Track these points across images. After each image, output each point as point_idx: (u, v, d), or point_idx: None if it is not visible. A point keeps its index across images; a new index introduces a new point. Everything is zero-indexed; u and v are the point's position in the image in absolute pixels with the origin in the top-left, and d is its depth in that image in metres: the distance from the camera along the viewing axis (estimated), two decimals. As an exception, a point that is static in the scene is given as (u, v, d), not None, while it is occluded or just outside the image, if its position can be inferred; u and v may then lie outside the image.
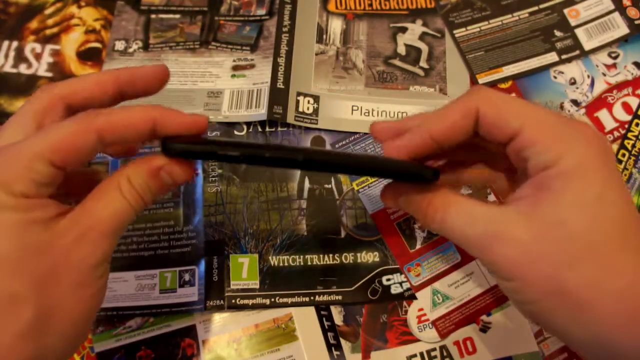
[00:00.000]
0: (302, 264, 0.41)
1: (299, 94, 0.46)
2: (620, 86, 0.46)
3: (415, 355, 0.39)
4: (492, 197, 0.43)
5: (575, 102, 0.46)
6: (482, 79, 0.46)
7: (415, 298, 0.40)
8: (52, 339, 0.23)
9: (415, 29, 0.49)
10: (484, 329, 0.39)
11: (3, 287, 0.22)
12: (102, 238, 0.25)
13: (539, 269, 0.23)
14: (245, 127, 0.45)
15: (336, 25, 0.49)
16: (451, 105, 0.27)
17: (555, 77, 0.47)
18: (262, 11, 0.49)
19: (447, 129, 0.26)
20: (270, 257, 0.41)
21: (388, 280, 0.41)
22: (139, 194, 0.26)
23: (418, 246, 0.41)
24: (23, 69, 0.47)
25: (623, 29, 0.47)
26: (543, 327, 0.26)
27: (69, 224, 0.24)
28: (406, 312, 0.40)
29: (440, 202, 0.27)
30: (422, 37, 0.48)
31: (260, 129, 0.45)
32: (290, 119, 0.44)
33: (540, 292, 0.24)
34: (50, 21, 0.49)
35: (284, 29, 0.48)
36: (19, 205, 0.23)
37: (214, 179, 0.43)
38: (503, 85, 0.46)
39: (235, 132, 0.44)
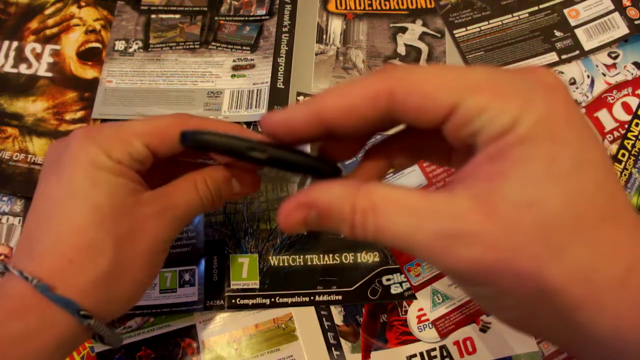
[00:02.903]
0: (302, 264, 0.41)
1: (299, 94, 0.46)
2: (620, 86, 0.46)
3: (415, 355, 0.39)
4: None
5: (575, 103, 0.46)
6: (482, 79, 0.46)
7: (415, 298, 0.40)
8: (116, 293, 0.26)
9: (415, 29, 0.49)
10: (484, 329, 0.39)
11: (90, 235, 0.25)
12: (174, 219, 0.28)
13: (514, 268, 0.18)
14: (245, 127, 0.45)
15: (336, 25, 0.49)
16: (354, 82, 0.20)
17: (555, 77, 0.47)
18: (262, 11, 0.49)
19: (342, 113, 0.20)
20: (270, 257, 0.41)
21: (388, 280, 0.41)
22: (211, 194, 0.29)
23: (418, 246, 0.41)
24: (23, 69, 0.47)
25: (623, 29, 0.47)
26: (527, 333, 0.21)
27: (151, 198, 0.27)
28: (406, 312, 0.40)
29: (368, 202, 0.20)
30: (422, 37, 0.48)
31: (260, 129, 0.45)
32: (290, 119, 0.44)
33: (519, 296, 0.18)
34: (50, 21, 0.49)
35: (284, 29, 0.48)
36: (114, 168, 0.26)
37: (214, 179, 0.43)
38: (503, 85, 0.46)
39: (235, 132, 0.44)
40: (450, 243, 0.18)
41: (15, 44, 0.48)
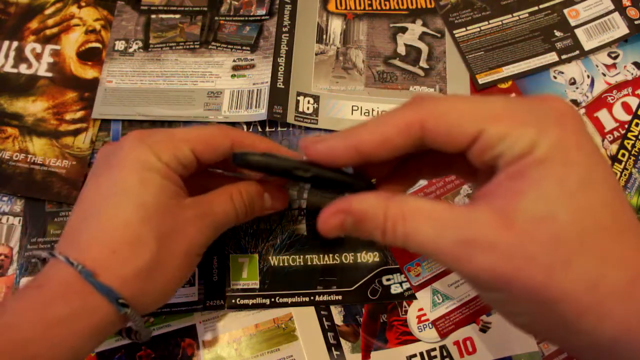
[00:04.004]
0: (302, 264, 0.41)
1: (299, 94, 0.46)
2: (620, 86, 0.46)
3: (415, 355, 0.39)
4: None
5: (575, 102, 0.46)
6: (482, 79, 0.46)
7: (415, 298, 0.40)
8: (153, 287, 0.28)
9: (415, 29, 0.49)
10: (484, 329, 0.39)
11: (134, 230, 0.27)
12: (211, 226, 0.30)
13: (527, 276, 0.20)
14: (245, 127, 0.45)
15: (336, 25, 0.49)
16: (388, 116, 0.23)
17: (555, 77, 0.47)
18: (262, 11, 0.49)
19: (377, 145, 0.23)
20: (270, 257, 0.41)
21: (388, 280, 0.41)
22: (245, 206, 0.32)
23: (418, 246, 0.41)
24: (23, 69, 0.47)
25: (623, 29, 0.47)
26: (537, 337, 0.23)
27: (192, 203, 0.30)
28: (406, 312, 0.40)
29: (399, 212, 0.22)
30: (422, 37, 0.48)
31: (260, 129, 0.45)
32: (290, 119, 0.44)
33: (530, 303, 0.20)
34: (50, 21, 0.49)
35: (284, 29, 0.48)
36: (162, 170, 0.28)
37: (214, 179, 0.43)
38: (503, 85, 0.46)
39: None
40: (469, 250, 0.21)
41: (15, 44, 0.48)
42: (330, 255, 0.41)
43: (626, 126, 0.45)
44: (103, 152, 0.31)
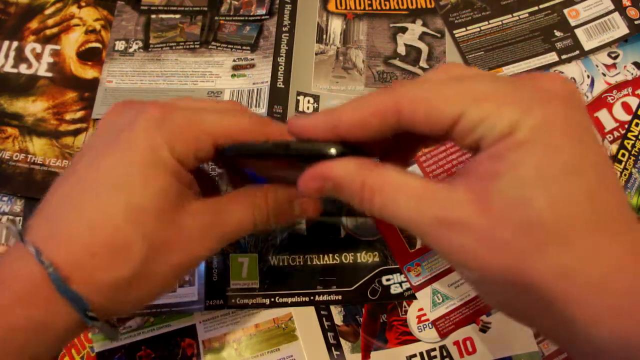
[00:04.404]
0: (302, 264, 0.41)
1: (299, 93, 0.46)
2: (620, 86, 0.46)
3: (415, 355, 0.39)
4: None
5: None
6: (482, 79, 0.46)
7: (415, 298, 0.40)
8: (131, 298, 0.25)
9: (415, 29, 0.49)
10: (484, 329, 0.39)
11: (123, 235, 0.23)
12: (221, 237, 0.26)
13: (499, 259, 0.20)
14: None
15: (336, 25, 0.49)
16: (365, 99, 0.23)
17: (555, 77, 0.47)
18: (262, 11, 0.49)
19: (354, 127, 0.23)
20: (270, 257, 0.41)
21: (388, 280, 0.41)
22: (268, 214, 0.27)
23: (418, 246, 0.41)
24: (23, 69, 0.47)
25: (623, 29, 0.47)
26: (515, 320, 0.23)
27: (201, 208, 0.26)
28: (406, 312, 0.40)
29: (378, 182, 0.22)
30: (422, 37, 0.48)
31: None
32: (290, 119, 0.44)
33: (503, 285, 0.20)
34: (50, 21, 0.49)
35: (284, 29, 0.48)
36: (172, 166, 0.24)
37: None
38: (503, 85, 0.46)
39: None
40: (446, 229, 0.21)
41: (15, 44, 0.48)
42: (330, 255, 0.41)
43: (626, 126, 0.45)
44: (113, 118, 0.26)
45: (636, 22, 0.47)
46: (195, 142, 0.25)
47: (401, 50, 0.48)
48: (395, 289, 0.41)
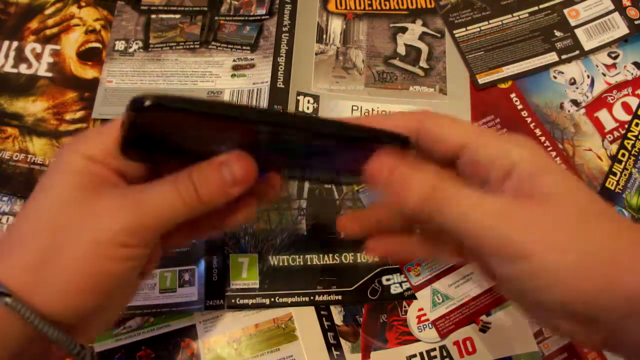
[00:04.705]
0: (302, 264, 0.41)
1: (299, 93, 0.46)
2: (620, 86, 0.46)
3: (415, 355, 0.39)
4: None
5: (575, 102, 0.46)
6: (482, 79, 0.46)
7: (415, 298, 0.40)
8: (51, 279, 0.24)
9: (415, 29, 0.49)
10: (484, 329, 0.39)
11: (32, 224, 0.25)
12: (140, 213, 0.25)
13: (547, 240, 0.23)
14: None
15: (336, 25, 0.49)
16: (399, 113, 0.28)
17: (555, 77, 0.47)
18: (262, 11, 0.49)
19: (394, 127, 0.26)
20: (270, 257, 0.41)
21: (388, 280, 0.41)
22: (195, 188, 0.25)
23: (418, 246, 0.41)
24: (23, 69, 0.47)
25: (623, 29, 0.47)
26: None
27: (121, 192, 0.25)
28: (406, 312, 0.40)
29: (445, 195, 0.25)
30: (422, 37, 0.48)
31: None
32: (290, 119, 0.44)
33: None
34: (50, 21, 0.49)
35: (284, 29, 0.48)
36: (81, 164, 0.25)
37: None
38: (503, 85, 0.46)
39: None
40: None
41: (15, 44, 0.48)
42: (330, 255, 0.41)
43: (626, 126, 0.45)
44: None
45: (636, 22, 0.47)
46: (102, 138, 0.25)
47: (401, 50, 0.48)
48: (395, 289, 0.41)
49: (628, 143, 0.44)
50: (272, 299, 0.40)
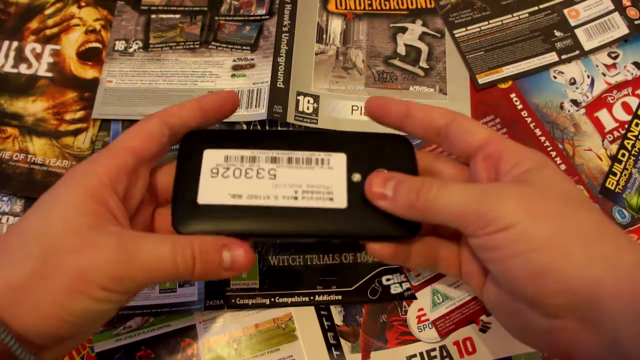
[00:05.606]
0: (301, 263, 0.41)
1: (299, 93, 0.46)
2: (620, 86, 0.46)
3: (415, 355, 0.39)
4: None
5: (575, 102, 0.46)
6: (482, 79, 0.46)
7: (415, 298, 0.40)
8: (31, 303, 0.24)
9: (415, 29, 0.49)
10: (484, 329, 0.39)
11: (25, 241, 0.24)
12: (129, 266, 0.25)
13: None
14: (245, 126, 0.45)
15: (336, 25, 0.49)
16: (434, 106, 0.31)
17: (555, 77, 0.47)
18: (262, 11, 0.49)
19: (421, 116, 0.30)
20: (270, 257, 0.41)
21: (388, 280, 0.41)
22: (193, 259, 0.26)
23: (418, 246, 0.41)
24: (23, 69, 0.47)
25: (623, 29, 0.47)
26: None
27: (119, 232, 0.25)
28: (406, 312, 0.40)
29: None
30: (422, 37, 0.48)
31: (259, 129, 0.45)
32: (290, 118, 0.44)
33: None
34: (50, 21, 0.49)
35: (284, 29, 0.48)
36: (85, 189, 0.25)
37: (214, 178, 0.43)
38: (503, 85, 0.46)
39: (235, 132, 0.44)
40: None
41: (15, 44, 0.48)
42: (330, 255, 0.41)
43: (626, 126, 0.45)
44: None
45: (636, 22, 0.47)
46: (114, 159, 0.26)
47: (401, 50, 0.48)
48: (395, 289, 0.41)
49: (628, 143, 0.44)
50: (272, 299, 0.40)
